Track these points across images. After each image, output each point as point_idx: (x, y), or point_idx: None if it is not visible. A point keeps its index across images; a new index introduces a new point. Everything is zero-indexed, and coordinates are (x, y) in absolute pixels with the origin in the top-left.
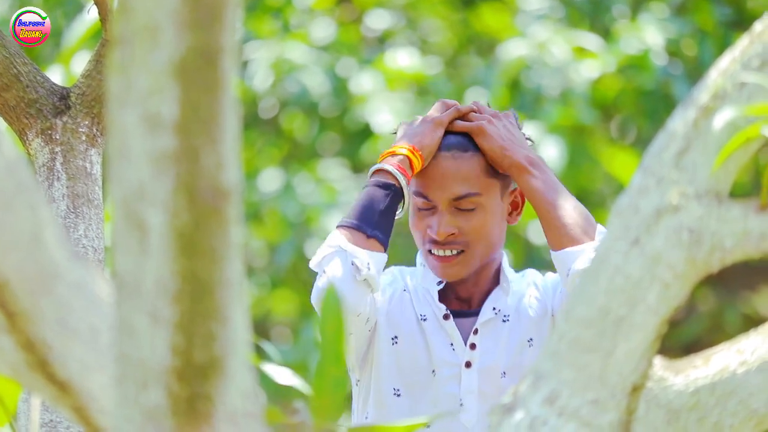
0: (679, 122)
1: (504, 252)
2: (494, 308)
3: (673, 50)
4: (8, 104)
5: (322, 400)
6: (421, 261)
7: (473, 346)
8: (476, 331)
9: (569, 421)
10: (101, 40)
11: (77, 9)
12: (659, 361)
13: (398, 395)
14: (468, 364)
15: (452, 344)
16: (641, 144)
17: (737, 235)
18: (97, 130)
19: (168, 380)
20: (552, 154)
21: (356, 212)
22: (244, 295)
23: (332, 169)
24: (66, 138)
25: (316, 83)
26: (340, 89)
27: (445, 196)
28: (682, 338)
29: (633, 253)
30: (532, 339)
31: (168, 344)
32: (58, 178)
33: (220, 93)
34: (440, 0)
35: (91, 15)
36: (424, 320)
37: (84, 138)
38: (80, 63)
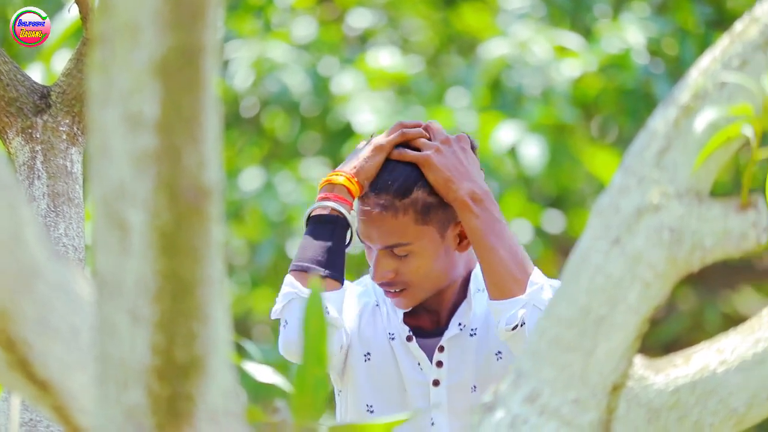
0: (660, 121)
1: (474, 262)
2: (460, 324)
3: (654, 49)
4: None
5: (304, 399)
6: None
7: (440, 364)
8: (442, 349)
9: (550, 420)
10: (82, 39)
11: (58, 7)
12: (640, 360)
13: (371, 411)
14: (436, 383)
15: (419, 363)
16: (622, 143)
17: (717, 235)
18: (78, 129)
19: (149, 379)
20: (533, 153)
21: (305, 254)
22: (225, 294)
23: (313, 169)
24: (46, 137)
25: (298, 82)
26: (322, 88)
27: (377, 245)
28: (663, 337)
29: (614, 253)
30: (501, 352)
31: (149, 343)
32: (39, 177)
33: (202, 92)
34: None
35: (72, 13)
36: (393, 339)
37: (65, 137)
38: (61, 61)
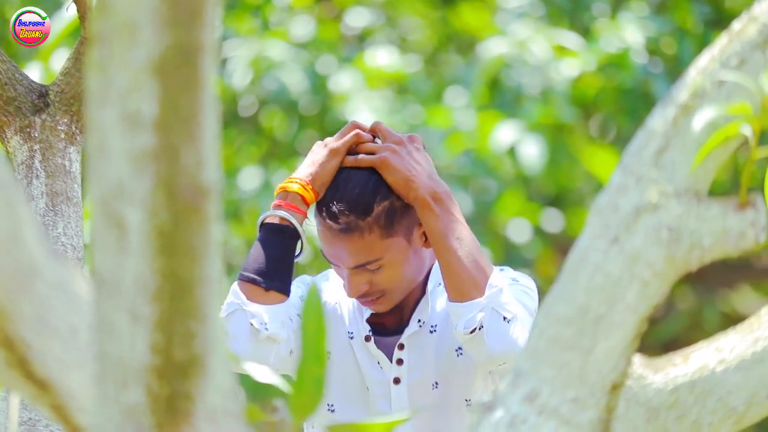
0: (659, 121)
1: (434, 258)
2: (419, 320)
3: (653, 49)
4: None
5: (302, 398)
6: None
7: (400, 362)
8: (402, 346)
9: (549, 420)
10: (80, 38)
11: (56, 6)
12: (638, 360)
13: (332, 410)
14: (396, 381)
15: (378, 362)
16: (621, 142)
17: (716, 234)
18: (76, 128)
19: (148, 378)
20: (532, 153)
21: (252, 264)
22: (224, 294)
23: None
24: (45, 136)
25: (296, 81)
26: (320, 87)
27: (347, 265)
28: (662, 336)
29: (612, 252)
30: (461, 348)
31: (147, 342)
32: (37, 176)
33: (200, 91)
34: None
35: (70, 12)
36: (352, 338)
37: (63, 136)
38: (59, 60)
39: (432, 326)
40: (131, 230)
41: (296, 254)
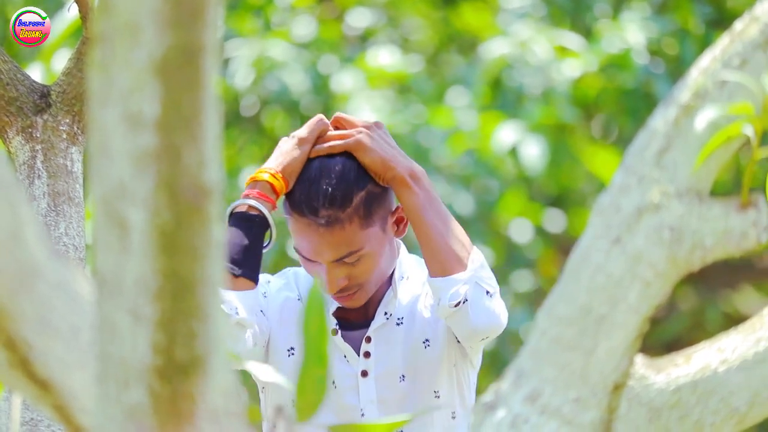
0: (660, 121)
1: (400, 244)
2: (386, 313)
3: (655, 49)
4: None
5: (305, 399)
6: None
7: (367, 355)
8: (369, 339)
9: (551, 420)
10: (82, 38)
11: (58, 6)
12: (640, 360)
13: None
14: (364, 373)
15: (345, 356)
16: (622, 143)
17: (718, 234)
18: (78, 128)
19: (149, 379)
20: (533, 154)
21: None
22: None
23: None
24: (47, 136)
25: (297, 81)
26: (322, 87)
27: (327, 259)
28: (663, 337)
29: (614, 252)
30: (428, 340)
31: (149, 343)
32: (39, 176)
33: (202, 91)
34: None
35: (72, 12)
36: None
37: (65, 136)
38: (61, 61)
39: (399, 318)
40: (133, 230)
41: (265, 245)
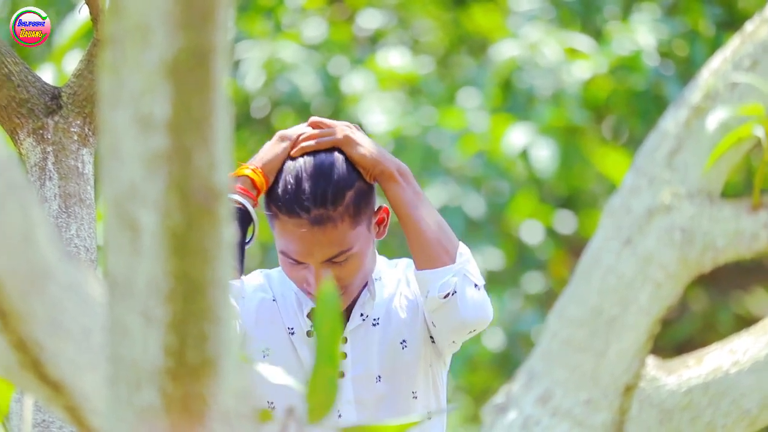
0: (671, 122)
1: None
2: (362, 314)
3: (665, 51)
4: None
5: (317, 400)
6: None
7: (343, 356)
8: (345, 340)
9: (562, 421)
10: (93, 40)
11: (69, 8)
12: (652, 361)
13: (273, 407)
14: (341, 374)
15: None
16: (633, 144)
17: (729, 235)
18: (89, 130)
19: (161, 380)
20: (544, 156)
21: None
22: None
23: None
24: (58, 138)
25: (308, 83)
26: (332, 89)
27: (317, 260)
28: (675, 338)
29: (625, 253)
30: (405, 340)
31: (160, 344)
32: (50, 178)
33: (212, 93)
34: (431, 0)
35: (83, 14)
36: (292, 334)
37: (76, 138)
38: (72, 62)
39: (375, 319)
40: (144, 232)
41: (247, 240)
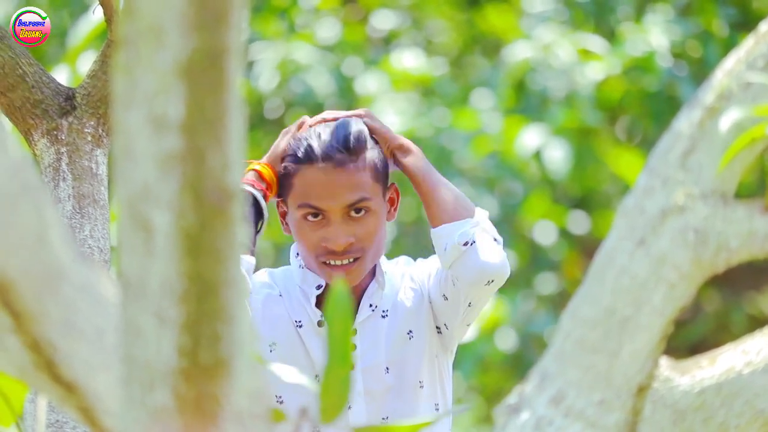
0: (685, 123)
1: None
2: (371, 305)
3: (678, 52)
4: (14, 104)
5: (329, 400)
6: (299, 262)
7: (353, 347)
8: (354, 331)
9: (575, 422)
10: (107, 41)
11: (83, 9)
12: (665, 362)
13: (281, 402)
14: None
15: None
16: (647, 145)
17: (743, 236)
18: (103, 131)
19: (174, 381)
20: (557, 157)
21: None
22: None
23: None
24: (71, 138)
25: (322, 83)
26: (346, 90)
27: (339, 205)
28: (688, 339)
29: (639, 254)
30: (412, 331)
31: (174, 345)
32: (64, 179)
33: (226, 94)
34: (445, 0)
35: (97, 15)
36: (300, 327)
37: (90, 138)
38: (86, 63)
39: (384, 311)
40: (157, 233)
41: (258, 228)
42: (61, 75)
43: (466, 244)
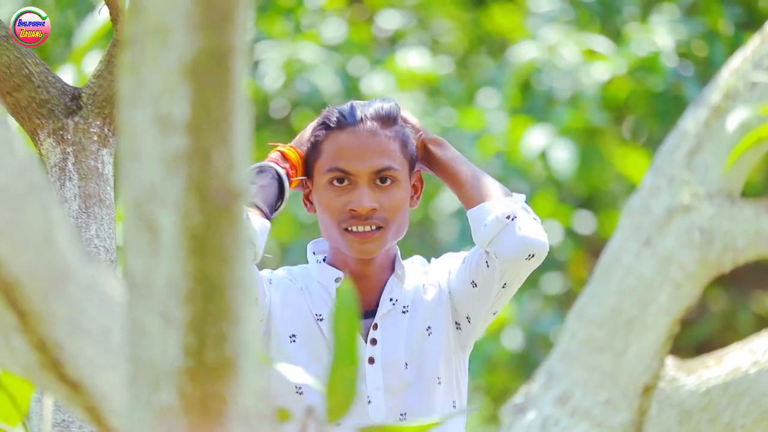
0: (691, 122)
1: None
2: (391, 299)
3: (684, 52)
4: (20, 104)
5: (335, 399)
6: (316, 258)
7: (374, 342)
8: (376, 326)
9: (581, 422)
10: (112, 41)
11: (89, 9)
12: (671, 362)
13: (300, 393)
14: (371, 360)
15: None
16: (652, 145)
17: (749, 235)
18: (109, 131)
19: (180, 381)
20: (563, 158)
21: None
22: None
23: None
24: (77, 138)
25: (327, 83)
26: (352, 89)
27: (367, 169)
28: (694, 338)
29: (644, 253)
30: (431, 327)
31: (180, 345)
32: (70, 179)
33: (232, 93)
34: (451, 0)
35: (103, 15)
36: (321, 320)
37: (95, 138)
38: (92, 63)
39: (404, 306)
40: (163, 232)
41: (277, 206)
42: (67, 75)
43: (509, 218)
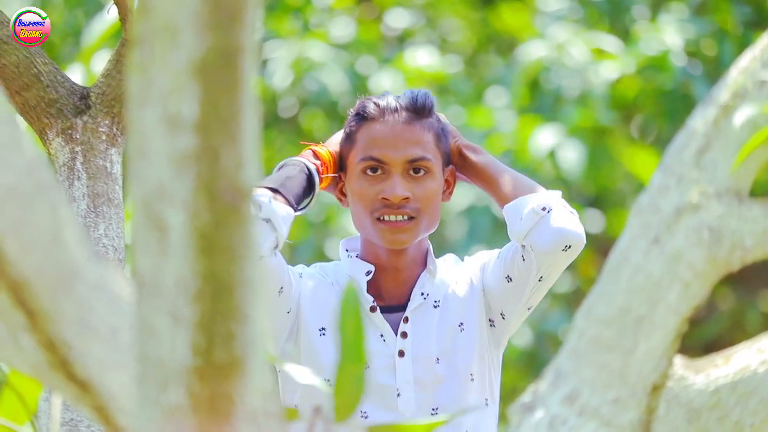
0: (700, 121)
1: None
2: (422, 293)
3: (693, 51)
4: (29, 104)
5: (343, 398)
6: (347, 253)
7: (404, 335)
8: (406, 320)
9: (589, 421)
10: (121, 40)
11: (97, 8)
12: (680, 360)
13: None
14: (401, 353)
15: (382, 335)
16: (661, 144)
17: (758, 234)
18: (118, 130)
19: (188, 380)
20: (571, 157)
21: (263, 183)
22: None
23: None
24: (86, 137)
25: (336, 82)
26: (360, 88)
27: (401, 158)
28: (703, 337)
29: (653, 252)
30: (463, 323)
31: (188, 344)
32: (79, 178)
33: (240, 92)
34: None
35: (111, 14)
36: None
37: (104, 137)
38: (100, 62)
39: (435, 301)
40: (172, 232)
41: (308, 201)
42: (76, 74)
43: (544, 209)
